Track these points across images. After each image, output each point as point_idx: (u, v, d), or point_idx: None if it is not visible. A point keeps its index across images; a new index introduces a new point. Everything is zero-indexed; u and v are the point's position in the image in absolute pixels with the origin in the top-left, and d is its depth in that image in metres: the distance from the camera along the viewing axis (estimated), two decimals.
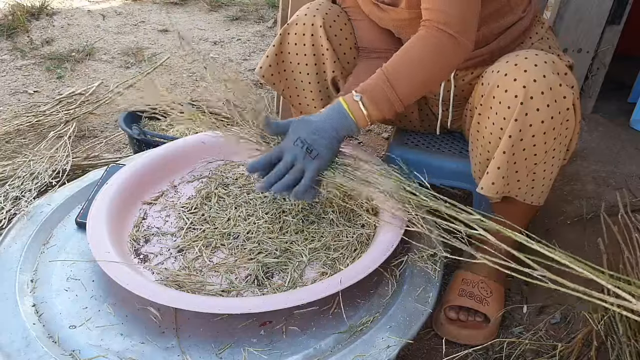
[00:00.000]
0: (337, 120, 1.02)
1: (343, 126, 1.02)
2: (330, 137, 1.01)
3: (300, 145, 0.99)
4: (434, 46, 1.03)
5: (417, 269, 1.02)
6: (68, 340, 0.88)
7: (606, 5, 1.74)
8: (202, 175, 1.26)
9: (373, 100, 1.02)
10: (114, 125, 1.92)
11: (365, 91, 1.03)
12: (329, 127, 1.01)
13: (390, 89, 1.02)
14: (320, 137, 1.00)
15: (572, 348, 1.04)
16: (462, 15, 1.02)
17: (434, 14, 1.03)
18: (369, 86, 1.03)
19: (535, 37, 1.22)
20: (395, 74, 1.02)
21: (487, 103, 1.05)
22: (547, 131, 1.00)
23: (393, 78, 1.02)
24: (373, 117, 1.03)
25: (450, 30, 1.01)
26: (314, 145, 0.99)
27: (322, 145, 1.00)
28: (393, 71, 1.03)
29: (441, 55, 1.03)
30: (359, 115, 1.02)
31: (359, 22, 1.29)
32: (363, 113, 1.02)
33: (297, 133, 1.00)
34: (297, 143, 0.99)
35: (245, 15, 3.08)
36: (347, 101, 1.03)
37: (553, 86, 0.98)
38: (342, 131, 1.02)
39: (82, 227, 1.09)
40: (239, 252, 1.04)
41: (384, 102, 1.03)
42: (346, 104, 1.03)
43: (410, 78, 1.03)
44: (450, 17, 1.01)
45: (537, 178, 1.06)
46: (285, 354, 0.88)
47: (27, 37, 2.57)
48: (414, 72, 1.03)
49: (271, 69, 1.31)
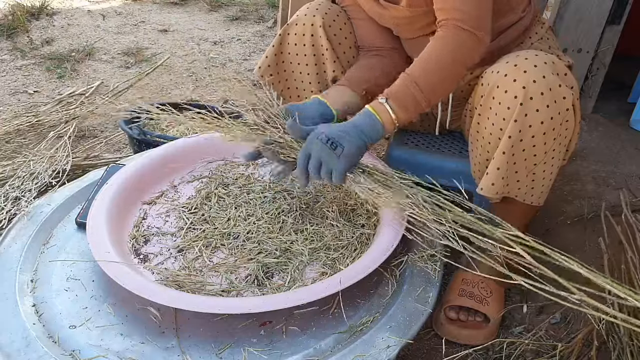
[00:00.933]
0: (364, 123, 1.02)
1: (370, 129, 1.01)
2: (357, 134, 1.00)
3: (324, 140, 0.97)
4: (454, 43, 1.04)
5: (417, 269, 1.02)
6: (68, 340, 0.88)
7: (606, 5, 1.74)
8: (202, 175, 1.26)
9: (399, 101, 1.02)
10: (114, 125, 1.92)
11: (391, 94, 1.03)
12: (356, 128, 1.00)
13: (416, 89, 1.02)
14: (345, 133, 0.99)
15: (572, 348, 1.04)
16: (476, 11, 1.03)
17: (450, 13, 1.04)
18: (394, 89, 1.04)
19: (535, 37, 1.22)
20: (420, 74, 1.03)
21: (487, 103, 1.05)
22: (546, 132, 1.00)
23: (418, 78, 1.03)
24: (401, 119, 1.03)
25: (467, 27, 1.02)
26: (339, 140, 0.97)
27: (347, 141, 0.98)
28: (418, 72, 1.03)
29: (461, 50, 1.04)
30: (386, 117, 1.02)
31: (359, 20, 1.29)
32: (390, 115, 1.02)
33: (321, 129, 1.00)
34: (321, 137, 0.97)
35: (245, 15, 3.08)
36: (373, 106, 1.03)
37: (553, 87, 0.98)
38: (370, 133, 1.01)
39: (82, 227, 1.09)
40: (239, 252, 1.04)
41: (410, 102, 1.03)
42: (373, 108, 1.03)
43: (435, 76, 1.04)
44: (465, 14, 1.02)
45: (536, 178, 1.06)
46: (285, 354, 0.88)
47: (27, 37, 2.57)
48: (438, 70, 1.04)
49: (270, 69, 1.31)
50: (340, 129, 0.99)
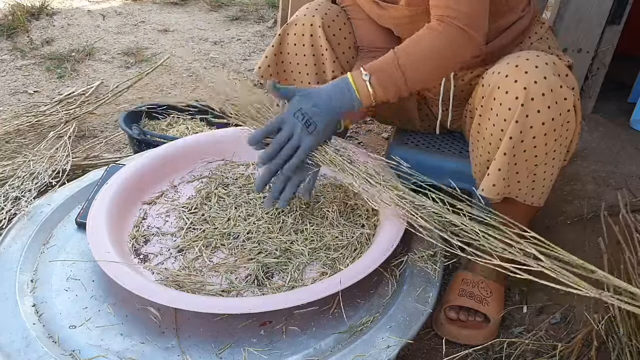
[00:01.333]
0: (342, 95, 1.03)
1: (346, 102, 1.03)
2: (332, 112, 1.02)
3: (300, 118, 1.00)
4: (445, 37, 1.04)
5: (417, 269, 1.02)
6: (68, 340, 0.88)
7: (606, 5, 1.74)
8: (202, 175, 1.26)
9: (381, 80, 1.03)
10: (114, 125, 1.92)
11: (374, 71, 1.03)
12: (331, 100, 1.02)
13: (399, 73, 1.03)
14: (321, 110, 1.01)
15: (572, 348, 1.04)
16: (470, 9, 1.03)
17: (444, 10, 1.04)
18: (379, 66, 1.04)
19: (535, 37, 1.22)
20: (406, 59, 1.03)
21: (488, 104, 1.05)
22: (547, 132, 1.00)
23: (403, 62, 1.03)
24: (378, 98, 1.04)
25: (462, 25, 1.02)
26: (313, 118, 1.00)
27: (322, 121, 1.01)
28: (405, 57, 1.04)
29: (452, 47, 1.04)
30: (364, 93, 1.03)
31: (358, 21, 1.29)
32: (369, 92, 1.03)
33: (300, 104, 1.01)
34: (297, 115, 1.00)
35: (245, 15, 3.08)
36: (354, 78, 1.04)
37: (554, 88, 0.98)
38: (345, 107, 1.03)
39: (82, 227, 1.09)
40: (239, 252, 1.04)
41: (391, 84, 1.04)
42: (353, 80, 1.03)
43: (420, 65, 1.04)
44: (459, 12, 1.02)
45: (537, 179, 1.06)
46: (285, 354, 0.88)
47: (27, 37, 2.57)
48: (424, 59, 1.04)
49: (270, 69, 1.31)
50: (318, 104, 1.01)
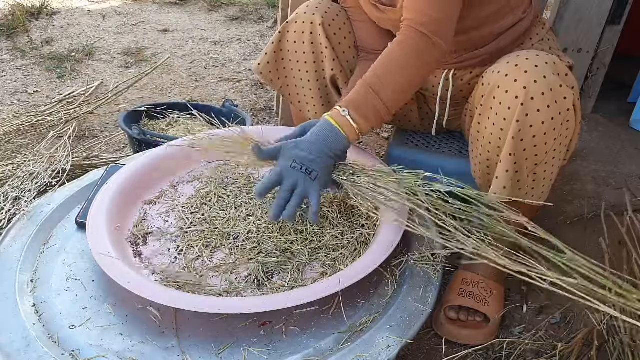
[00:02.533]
0: (329, 138, 1.02)
1: (335, 143, 1.03)
2: (325, 156, 1.02)
3: (298, 167, 1.00)
4: (411, 49, 1.04)
5: (417, 269, 1.02)
6: (68, 340, 0.88)
7: (606, 5, 1.74)
8: (202, 175, 1.26)
9: (360, 111, 1.03)
10: (114, 125, 1.92)
11: (350, 104, 1.03)
12: (323, 146, 1.02)
13: (375, 97, 1.03)
14: (316, 156, 1.01)
15: (572, 348, 1.04)
16: (437, 15, 1.03)
17: (411, 13, 1.04)
18: (353, 98, 1.04)
19: (536, 38, 1.22)
20: (378, 81, 1.03)
21: (488, 104, 1.05)
22: (547, 132, 1.00)
23: (376, 86, 1.03)
24: (363, 129, 1.04)
25: (425, 30, 1.02)
26: (312, 166, 1.00)
27: (319, 166, 1.01)
28: (375, 79, 1.04)
29: (419, 57, 1.04)
30: (349, 129, 1.03)
31: (359, 22, 1.29)
32: (353, 127, 1.03)
33: (292, 153, 1.01)
34: (295, 165, 1.00)
35: (245, 15, 3.08)
36: (334, 118, 1.03)
37: (554, 87, 0.98)
38: (335, 148, 1.03)
39: (82, 227, 1.09)
40: (239, 252, 1.04)
41: (371, 111, 1.03)
42: (334, 120, 1.03)
43: (392, 83, 1.04)
44: (425, 17, 1.02)
45: (537, 178, 1.06)
46: (285, 354, 0.88)
47: (27, 37, 2.57)
48: (395, 76, 1.04)
49: (269, 66, 1.32)
50: (310, 152, 1.00)
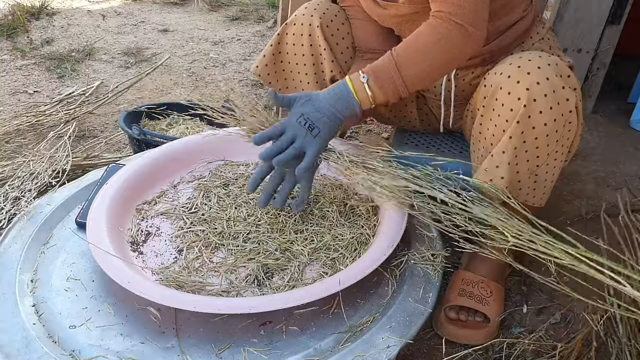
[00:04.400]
0: (341, 99, 1.04)
1: (346, 106, 1.04)
2: (333, 116, 1.03)
3: (302, 123, 1.01)
4: (443, 35, 1.03)
5: (417, 269, 1.02)
6: (68, 340, 0.88)
7: (606, 5, 1.74)
8: (202, 175, 1.26)
9: (379, 82, 1.04)
10: (114, 125, 1.92)
11: (372, 73, 1.04)
12: (332, 106, 1.03)
13: (397, 74, 1.03)
14: (323, 115, 1.02)
15: (572, 348, 1.04)
16: (471, 5, 1.02)
17: (443, 5, 1.03)
18: (376, 68, 1.04)
19: (536, 37, 1.22)
20: (404, 59, 1.04)
21: (490, 105, 1.05)
22: (550, 133, 1.00)
23: (401, 63, 1.03)
24: (377, 100, 1.05)
25: (460, 21, 1.02)
26: (316, 123, 1.01)
27: (324, 124, 1.01)
28: (402, 56, 1.04)
29: (450, 44, 1.04)
30: (363, 96, 1.04)
31: (358, 21, 1.29)
32: (368, 95, 1.04)
33: (301, 109, 1.02)
34: (300, 120, 1.01)
35: (245, 15, 3.08)
36: (353, 81, 1.04)
37: (556, 89, 0.98)
38: (345, 111, 1.04)
39: (82, 227, 1.09)
40: (239, 252, 1.04)
41: (389, 85, 1.04)
42: (352, 84, 1.04)
43: (418, 65, 1.04)
44: (459, 8, 1.02)
45: (539, 180, 1.06)
46: (285, 354, 0.88)
47: (27, 37, 2.57)
48: (422, 59, 1.04)
49: (268, 68, 1.32)
50: (319, 109, 1.02)
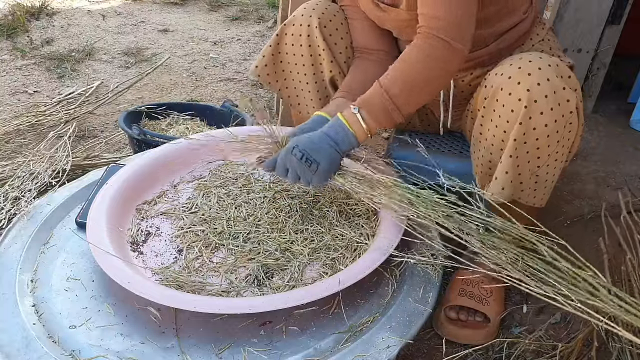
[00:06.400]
0: (337, 134, 1.03)
1: (343, 140, 1.03)
2: (329, 147, 1.02)
3: (298, 156, 1.00)
4: (429, 54, 1.03)
5: (417, 269, 1.02)
6: (68, 340, 0.88)
7: (606, 5, 1.74)
8: (202, 175, 1.26)
9: (371, 113, 1.03)
10: (114, 125, 1.92)
11: (363, 104, 1.04)
12: (328, 138, 1.02)
13: (388, 101, 1.03)
14: (318, 145, 1.01)
15: (572, 348, 1.04)
16: (456, 20, 1.02)
17: (428, 20, 1.03)
18: (366, 99, 1.04)
19: (536, 39, 1.22)
20: (392, 85, 1.03)
21: (491, 106, 1.05)
22: (550, 134, 1.00)
23: (390, 89, 1.03)
24: (372, 130, 1.05)
25: (444, 36, 1.01)
26: (312, 154, 1.00)
27: (321, 156, 1.01)
28: (390, 82, 1.03)
29: (436, 62, 1.03)
30: (358, 128, 1.04)
31: (355, 21, 1.29)
32: (362, 126, 1.04)
33: (295, 142, 1.02)
34: (295, 152, 1.00)
35: (245, 15, 3.09)
36: (345, 116, 1.04)
37: (557, 89, 0.98)
38: (343, 145, 1.03)
39: (82, 227, 1.09)
40: (239, 252, 1.04)
41: (382, 114, 1.04)
42: (345, 118, 1.04)
43: (407, 88, 1.04)
44: (444, 23, 1.01)
45: (539, 180, 1.06)
46: (285, 354, 0.88)
47: (27, 37, 2.57)
48: (410, 81, 1.04)
49: (267, 68, 1.32)
50: (315, 142, 1.01)
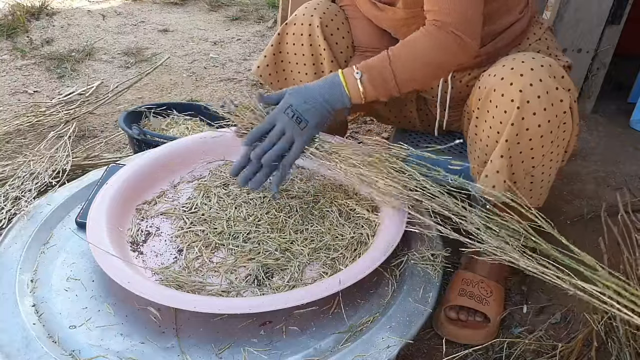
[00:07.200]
0: (332, 91, 1.04)
1: (336, 98, 1.04)
2: (321, 107, 1.03)
3: (290, 115, 1.01)
4: (441, 42, 1.04)
5: (417, 269, 1.02)
6: (68, 340, 0.88)
7: (606, 5, 1.74)
8: (202, 175, 1.26)
9: (372, 79, 1.04)
10: (114, 125, 1.92)
11: (366, 70, 1.04)
12: (322, 96, 1.03)
13: (390, 74, 1.04)
14: (311, 106, 1.02)
15: (572, 348, 1.04)
16: (465, 15, 1.03)
17: (438, 15, 1.04)
18: (371, 65, 1.05)
19: (533, 38, 1.22)
20: (400, 61, 1.04)
21: (484, 106, 1.05)
22: (544, 134, 1.00)
23: (396, 64, 1.04)
24: (368, 96, 1.06)
25: (456, 30, 1.03)
26: (303, 114, 1.01)
27: (312, 115, 1.02)
28: (398, 57, 1.04)
29: (445, 52, 1.05)
30: (354, 90, 1.05)
31: (355, 20, 1.29)
32: (359, 90, 1.04)
33: (289, 101, 1.02)
34: (288, 112, 1.01)
35: (245, 15, 3.09)
36: (345, 75, 1.05)
37: (549, 90, 0.98)
38: (335, 103, 1.04)
39: (82, 227, 1.09)
40: (239, 252, 1.04)
41: (382, 84, 1.05)
42: (344, 77, 1.05)
43: (412, 68, 1.05)
44: (454, 18, 1.03)
45: (535, 181, 1.06)
46: (285, 354, 0.88)
47: (27, 37, 2.57)
48: (417, 63, 1.05)
49: (268, 68, 1.32)
50: (308, 101, 1.02)
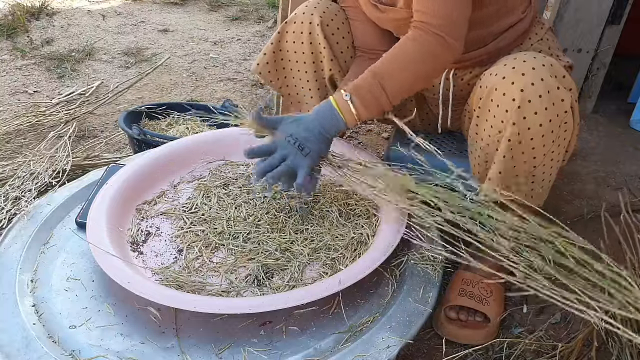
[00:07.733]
0: (327, 119, 1.05)
1: (332, 125, 1.06)
2: (320, 135, 1.05)
3: (292, 142, 1.03)
4: (423, 47, 1.05)
5: (417, 269, 1.02)
6: (68, 340, 0.88)
7: (606, 5, 1.74)
8: (202, 175, 1.26)
9: (362, 100, 1.05)
10: (114, 125, 1.92)
11: (354, 90, 1.05)
12: (319, 126, 1.05)
13: (379, 89, 1.04)
14: (310, 134, 1.04)
15: (572, 348, 1.04)
16: (450, 17, 1.03)
17: (423, 16, 1.05)
18: (358, 85, 1.05)
19: (535, 38, 1.22)
20: (385, 74, 1.05)
21: (485, 106, 1.05)
22: (545, 134, 1.00)
23: (382, 78, 1.04)
24: (362, 117, 1.06)
25: (439, 32, 1.03)
26: (305, 143, 1.03)
27: (312, 143, 1.04)
28: (382, 71, 1.05)
29: (430, 56, 1.05)
30: (348, 114, 1.05)
31: (357, 22, 1.29)
32: (352, 112, 1.05)
33: (290, 130, 1.04)
34: (290, 139, 1.03)
35: (245, 15, 3.08)
36: (337, 100, 1.06)
37: (551, 89, 0.98)
38: (332, 130, 1.06)
39: (82, 227, 1.09)
40: (239, 252, 1.04)
41: (372, 101, 1.05)
42: (336, 103, 1.05)
43: (399, 78, 1.05)
44: (439, 19, 1.03)
45: (536, 180, 1.06)
46: (285, 354, 0.88)
47: (27, 37, 2.57)
48: (403, 72, 1.05)
49: (268, 66, 1.32)
50: (307, 128, 1.04)
